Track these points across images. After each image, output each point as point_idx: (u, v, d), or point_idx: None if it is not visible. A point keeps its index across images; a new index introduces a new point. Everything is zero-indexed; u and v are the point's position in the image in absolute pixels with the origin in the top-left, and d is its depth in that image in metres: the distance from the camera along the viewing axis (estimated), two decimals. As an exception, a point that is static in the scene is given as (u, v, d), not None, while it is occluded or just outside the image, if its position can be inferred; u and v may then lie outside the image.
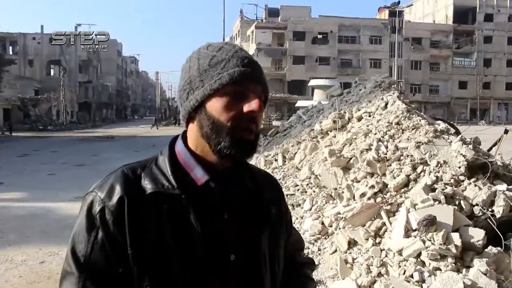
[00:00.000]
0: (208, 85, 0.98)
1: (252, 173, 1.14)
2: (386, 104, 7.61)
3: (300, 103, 33.01)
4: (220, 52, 1.01)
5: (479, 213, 4.28)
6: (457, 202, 4.39)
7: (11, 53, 62.67)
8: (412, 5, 69.77)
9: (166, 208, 0.97)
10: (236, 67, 0.98)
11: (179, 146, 1.07)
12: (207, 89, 0.98)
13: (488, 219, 4.19)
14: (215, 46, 1.04)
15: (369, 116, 7.66)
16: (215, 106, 0.98)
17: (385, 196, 4.86)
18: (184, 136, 1.08)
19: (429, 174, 4.80)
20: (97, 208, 0.96)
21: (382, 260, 3.95)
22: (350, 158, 5.93)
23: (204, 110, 1.00)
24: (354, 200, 5.10)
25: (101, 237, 0.95)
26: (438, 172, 4.85)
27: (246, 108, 0.97)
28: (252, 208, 1.09)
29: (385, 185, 5.02)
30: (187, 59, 1.06)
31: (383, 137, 6.13)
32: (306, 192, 6.19)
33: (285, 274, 1.19)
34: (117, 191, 0.97)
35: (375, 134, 6.34)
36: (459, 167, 4.82)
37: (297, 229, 1.61)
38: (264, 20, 60.28)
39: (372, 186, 4.99)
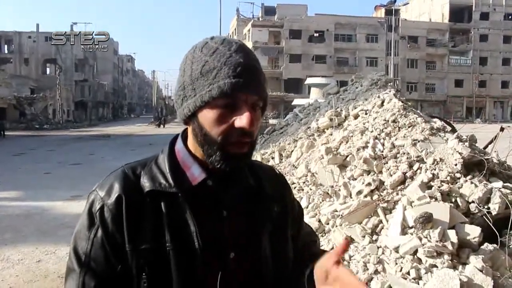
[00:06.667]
0: (199, 96, 0.95)
1: (254, 169, 1.13)
2: (383, 102, 7.62)
3: (296, 101, 33.01)
4: (213, 57, 0.96)
5: (475, 210, 4.30)
6: (453, 200, 4.40)
7: (6, 51, 62.47)
8: (408, 3, 69.89)
9: (163, 206, 0.98)
10: (226, 78, 0.92)
11: (178, 145, 1.07)
12: (198, 100, 0.95)
13: (484, 216, 4.20)
14: (210, 47, 0.98)
15: (366, 114, 7.66)
16: (206, 118, 0.96)
17: (381, 193, 4.87)
18: (184, 134, 1.08)
19: (426, 172, 4.82)
20: (97, 206, 0.98)
21: (378, 257, 3.96)
22: (347, 156, 5.94)
23: (197, 120, 0.98)
24: (351, 197, 5.10)
25: (100, 235, 0.97)
26: (435, 169, 4.86)
27: (237, 123, 0.93)
28: (253, 205, 1.08)
29: (382, 182, 5.03)
30: (184, 58, 1.03)
31: (379, 134, 6.13)
32: (302, 190, 6.19)
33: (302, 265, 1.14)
34: (116, 190, 0.99)
35: (372, 131, 6.35)
36: (455, 165, 4.84)
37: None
38: (260, 19, 60.27)
39: (369, 184, 4.99)
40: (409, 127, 6.08)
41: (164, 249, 0.96)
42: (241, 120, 0.93)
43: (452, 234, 3.82)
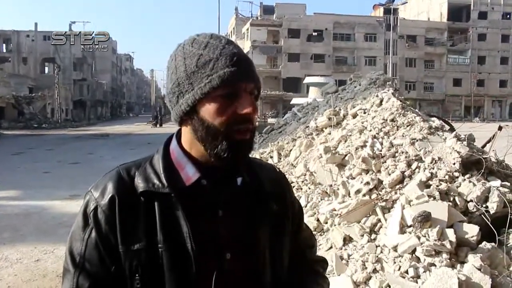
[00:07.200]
0: (198, 88, 0.95)
1: (253, 168, 1.12)
2: (381, 101, 7.62)
3: (295, 101, 33.10)
4: (206, 50, 0.96)
5: (473, 209, 4.30)
6: (451, 198, 4.40)
7: (4, 50, 62.36)
8: (406, 2, 69.92)
9: (156, 206, 0.97)
10: (225, 68, 0.94)
11: (172, 144, 1.07)
12: (197, 93, 0.95)
13: (482, 215, 4.21)
14: (200, 42, 0.99)
15: (364, 113, 7.66)
16: (207, 110, 0.95)
17: (380, 192, 4.87)
18: (178, 134, 1.07)
19: (424, 171, 4.82)
20: (91, 207, 0.99)
21: (377, 256, 3.96)
22: (345, 155, 5.94)
23: (197, 114, 0.97)
24: (349, 196, 5.11)
25: (94, 236, 0.97)
26: (433, 168, 4.87)
27: (240, 110, 0.95)
28: (251, 204, 1.06)
29: (380, 181, 5.03)
30: (172, 56, 1.02)
31: (378, 133, 6.13)
32: (301, 189, 6.20)
33: (296, 271, 1.16)
34: (109, 191, 0.98)
35: (370, 131, 6.35)
36: (454, 164, 4.84)
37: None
38: (259, 18, 60.21)
39: (367, 183, 5.00)
40: (407, 126, 6.08)
41: (157, 250, 0.95)
42: (244, 106, 0.95)
43: (450, 233, 3.83)
